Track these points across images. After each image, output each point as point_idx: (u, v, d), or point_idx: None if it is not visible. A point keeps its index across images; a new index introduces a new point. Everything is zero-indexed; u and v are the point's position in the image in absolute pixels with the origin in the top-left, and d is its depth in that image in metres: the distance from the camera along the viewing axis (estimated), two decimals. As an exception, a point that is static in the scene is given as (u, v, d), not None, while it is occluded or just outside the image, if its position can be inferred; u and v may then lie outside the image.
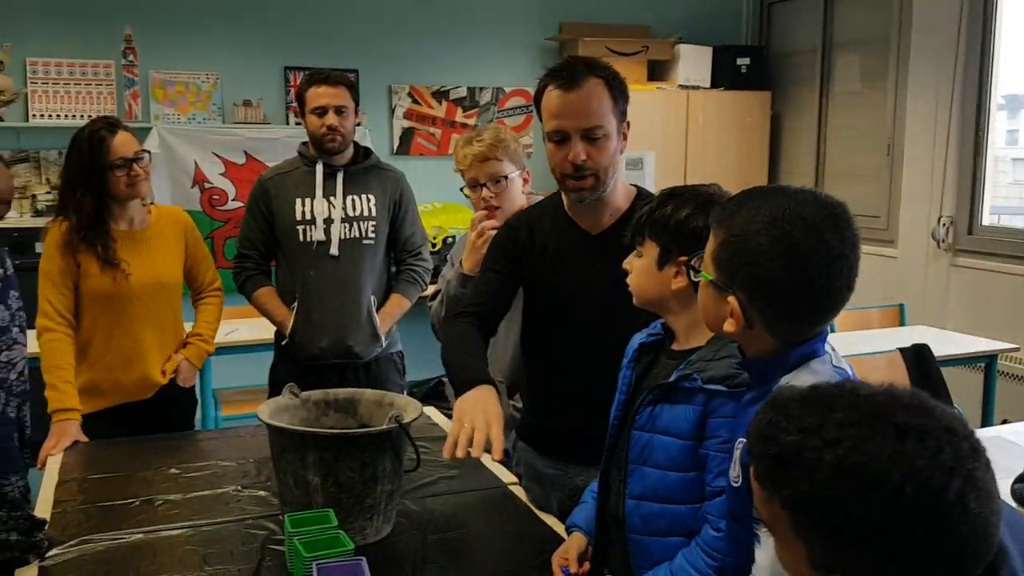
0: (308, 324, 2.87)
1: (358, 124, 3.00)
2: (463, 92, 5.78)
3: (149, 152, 2.66)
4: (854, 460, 0.77)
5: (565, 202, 1.99)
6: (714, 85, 5.92)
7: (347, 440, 1.74)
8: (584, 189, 1.86)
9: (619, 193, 1.95)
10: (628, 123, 1.91)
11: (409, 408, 1.87)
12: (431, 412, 2.80)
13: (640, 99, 5.71)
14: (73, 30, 4.97)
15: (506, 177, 2.41)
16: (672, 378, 1.50)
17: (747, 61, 5.97)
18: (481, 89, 5.81)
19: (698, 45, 5.92)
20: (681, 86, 5.84)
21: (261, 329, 3.45)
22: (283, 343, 2.93)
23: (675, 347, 1.59)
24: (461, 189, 2.55)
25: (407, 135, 5.68)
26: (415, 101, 5.71)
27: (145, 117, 5.08)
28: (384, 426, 1.77)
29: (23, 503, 1.78)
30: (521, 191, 2.46)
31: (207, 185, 5.13)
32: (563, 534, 1.79)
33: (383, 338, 2.94)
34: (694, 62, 5.90)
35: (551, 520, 1.94)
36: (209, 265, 2.84)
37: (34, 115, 4.89)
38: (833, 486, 0.77)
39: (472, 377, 1.75)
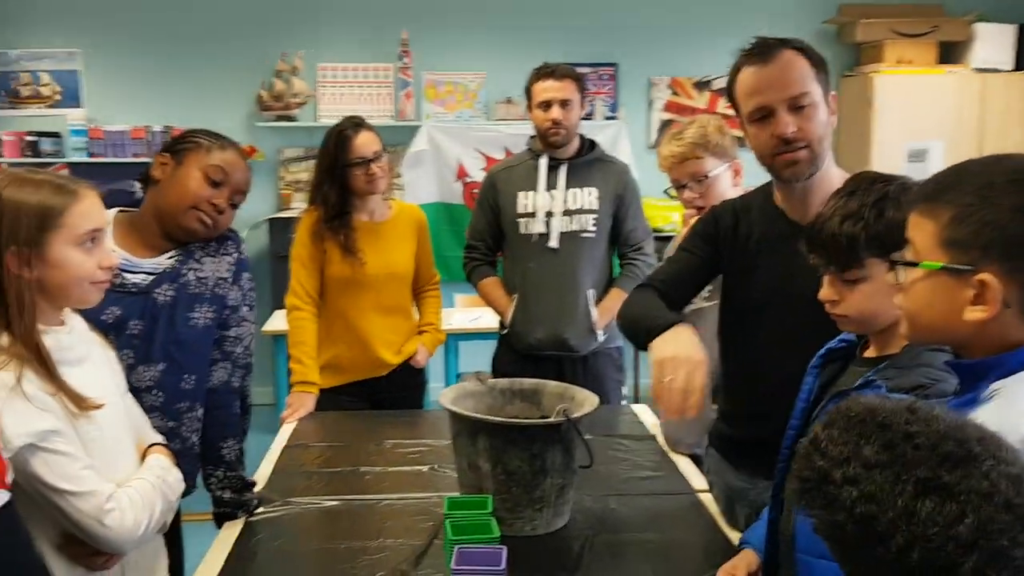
0: (526, 315, 2.93)
1: (587, 117, 3.00)
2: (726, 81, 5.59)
3: (387, 152, 2.84)
4: (865, 509, 0.66)
5: (775, 192, 1.86)
6: (1018, 67, 5.24)
7: (516, 430, 1.76)
8: (798, 162, 1.70)
9: (832, 177, 1.77)
10: (834, 95, 1.75)
11: (585, 403, 1.85)
12: (641, 410, 2.76)
13: (928, 83, 5.22)
14: (357, 37, 5.45)
15: (707, 176, 2.31)
16: (856, 384, 1.36)
17: (1060, 39, 5.22)
18: (746, 79, 5.58)
19: (1000, 23, 5.28)
20: (977, 69, 5.24)
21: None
22: (504, 332, 3.02)
23: (867, 354, 1.44)
24: (666, 190, 2.48)
25: (665, 128, 5.60)
26: (675, 93, 5.62)
27: (416, 116, 5.45)
28: (552, 419, 1.77)
29: (237, 465, 1.98)
30: (732, 185, 2.34)
31: (468, 179, 5.40)
32: (745, 550, 1.69)
33: (600, 332, 2.93)
34: (994, 42, 5.27)
35: (737, 536, 1.83)
36: (431, 261, 2.99)
37: (322, 116, 5.43)
38: (847, 529, 0.67)
39: (663, 323, 1.69)
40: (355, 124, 2.81)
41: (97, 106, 5.39)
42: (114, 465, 1.46)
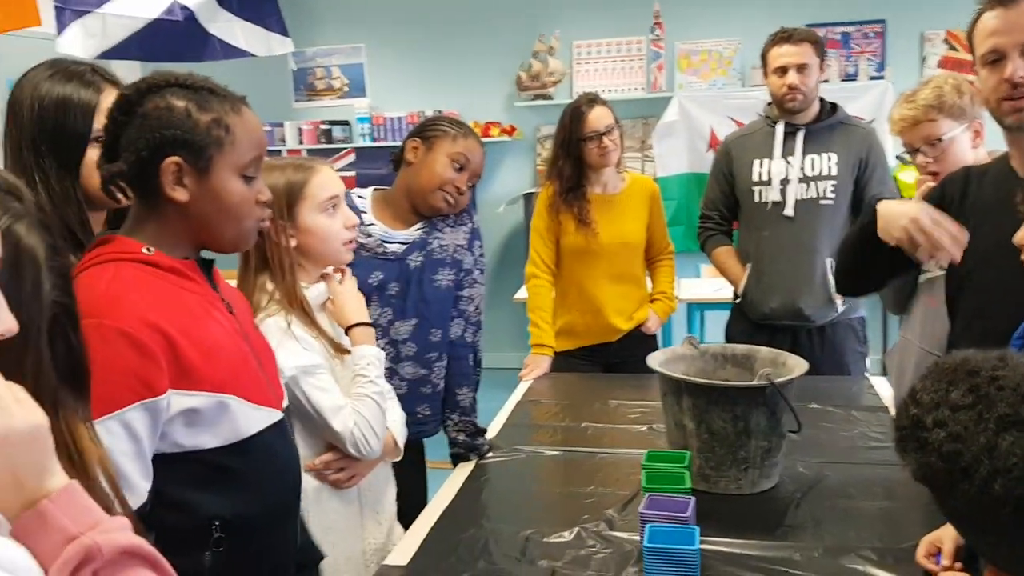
0: (759, 284, 2.92)
1: (824, 80, 2.92)
2: (1014, 31, 5.07)
3: (620, 125, 2.95)
4: (951, 448, 0.69)
5: (1011, 153, 1.76)
6: None
7: (718, 391, 1.82)
8: (1023, 110, 1.63)
9: None
10: None
11: (794, 369, 1.87)
12: (879, 382, 2.67)
13: None
14: (611, 12, 5.57)
15: (941, 139, 2.18)
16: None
17: None
18: (1039, 26, 5.02)
19: None
20: None
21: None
22: (737, 301, 3.03)
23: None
24: (898, 156, 2.36)
25: (940, 86, 5.19)
26: (951, 47, 5.18)
27: (669, 87, 5.48)
28: (754, 382, 1.81)
29: (471, 411, 2.22)
30: (971, 147, 2.19)
31: (720, 148, 5.35)
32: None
33: (839, 302, 2.86)
34: None
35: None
36: (665, 232, 3.07)
37: (577, 92, 5.60)
38: (936, 469, 0.70)
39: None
40: (589, 100, 2.94)
41: (379, 95, 5.97)
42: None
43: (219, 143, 1.26)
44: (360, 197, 2.20)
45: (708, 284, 4.46)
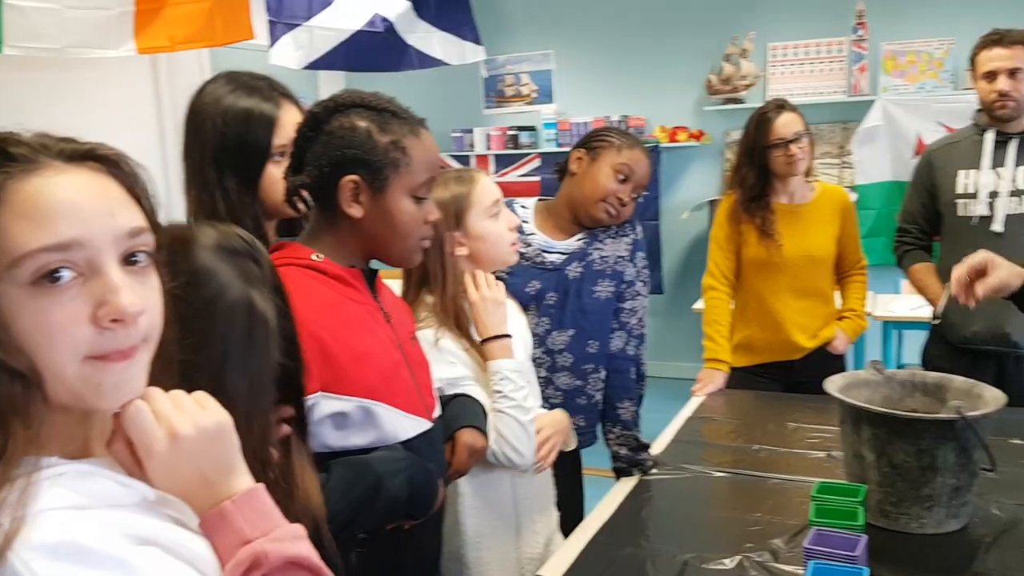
0: (961, 305, 2.69)
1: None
2: None
3: (810, 134, 2.81)
4: None
5: None
6: None
7: (902, 422, 1.69)
8: None
9: None
10: None
11: (990, 402, 1.70)
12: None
13: None
14: (810, 13, 5.32)
15: None
16: None
17: None
18: None
19: None
20: None
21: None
22: (936, 323, 2.81)
23: None
24: None
25: None
26: None
27: (871, 90, 5.18)
28: (942, 415, 1.66)
29: (632, 426, 2.18)
30: None
31: (927, 155, 4.98)
32: None
33: (1054, 328, 2.59)
34: None
35: None
36: (858, 246, 2.88)
37: (771, 96, 5.40)
38: None
39: None
40: (777, 106, 2.82)
41: (566, 101, 6.01)
42: None
43: (396, 164, 1.31)
44: (523, 207, 2.22)
45: (907, 301, 4.17)
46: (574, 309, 2.12)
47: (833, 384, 1.87)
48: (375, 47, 4.82)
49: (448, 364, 1.63)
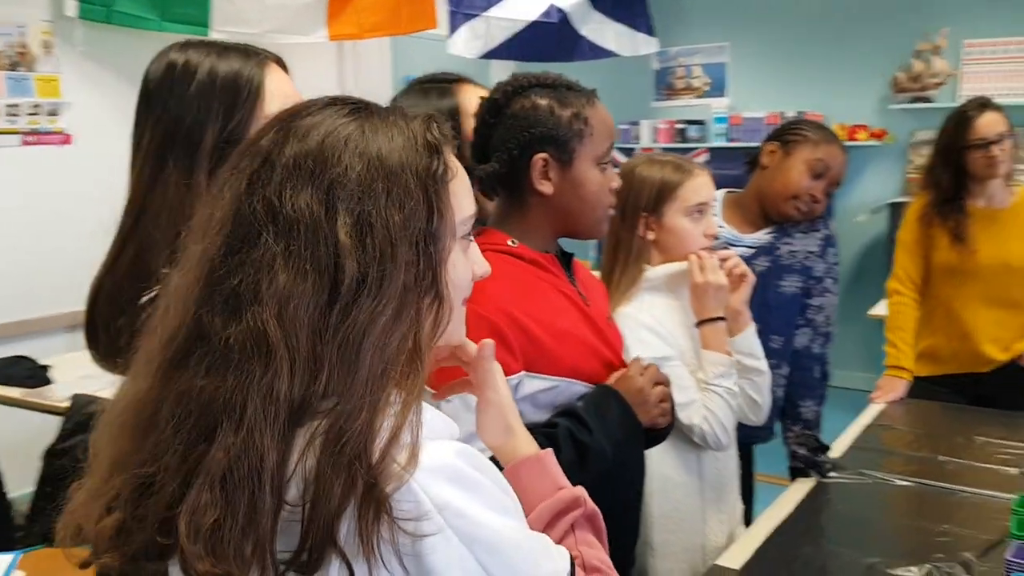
0: None
1: None
2: None
3: (1013, 136, 2.65)
4: None
5: None
6: None
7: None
8: None
9: None
10: None
11: None
12: None
13: None
14: (1010, 8, 4.99)
15: None
16: None
17: None
18: None
19: None
20: None
21: None
22: None
23: None
24: None
25: None
26: None
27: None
28: None
29: (814, 426, 2.13)
30: None
31: None
32: None
33: None
34: None
35: None
36: None
37: (962, 95, 5.11)
38: None
39: None
40: (980, 104, 2.68)
41: (739, 95, 5.89)
42: None
43: (580, 136, 1.35)
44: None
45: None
46: (758, 303, 2.07)
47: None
48: (549, 38, 4.88)
49: (657, 341, 1.64)
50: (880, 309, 4.43)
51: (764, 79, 5.80)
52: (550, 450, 0.97)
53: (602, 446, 1.28)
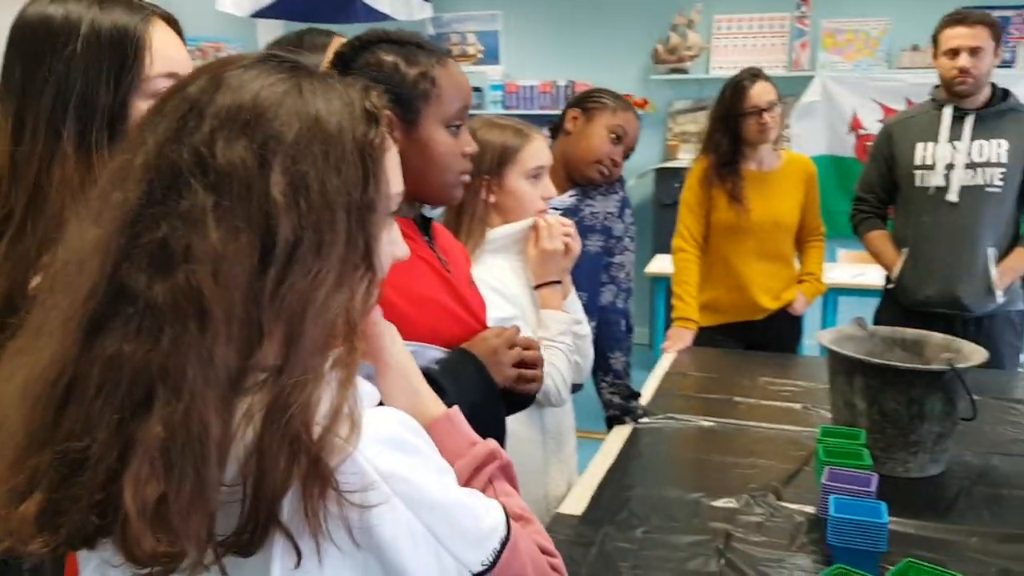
0: (916, 270, 2.86)
1: (1004, 65, 2.82)
2: None
3: (782, 103, 2.92)
4: None
5: None
6: None
7: (894, 372, 1.81)
8: None
9: None
10: None
11: (972, 356, 1.84)
12: (1042, 379, 2.60)
13: None
14: (755, -12, 5.46)
15: None
16: None
17: None
18: None
19: None
20: None
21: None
22: (890, 287, 2.97)
23: None
24: None
25: (1105, 76, 4.92)
26: (1122, 35, 4.89)
27: (811, 66, 5.35)
28: (935, 367, 1.79)
29: (624, 375, 2.27)
30: None
31: (861, 132, 5.20)
32: None
33: (999, 293, 2.77)
34: None
35: None
36: (817, 213, 3.02)
37: (714, 68, 5.54)
38: None
39: None
40: (752, 75, 2.91)
41: (512, 63, 6.01)
42: None
43: (426, 96, 1.31)
44: None
45: (845, 269, 4.37)
46: None
47: (825, 338, 1.98)
48: (322, -3, 4.72)
49: (502, 302, 1.64)
50: (652, 267, 4.74)
51: (536, 48, 5.96)
52: (456, 407, 0.96)
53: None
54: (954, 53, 2.75)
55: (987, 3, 4.64)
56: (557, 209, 2.20)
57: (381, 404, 0.78)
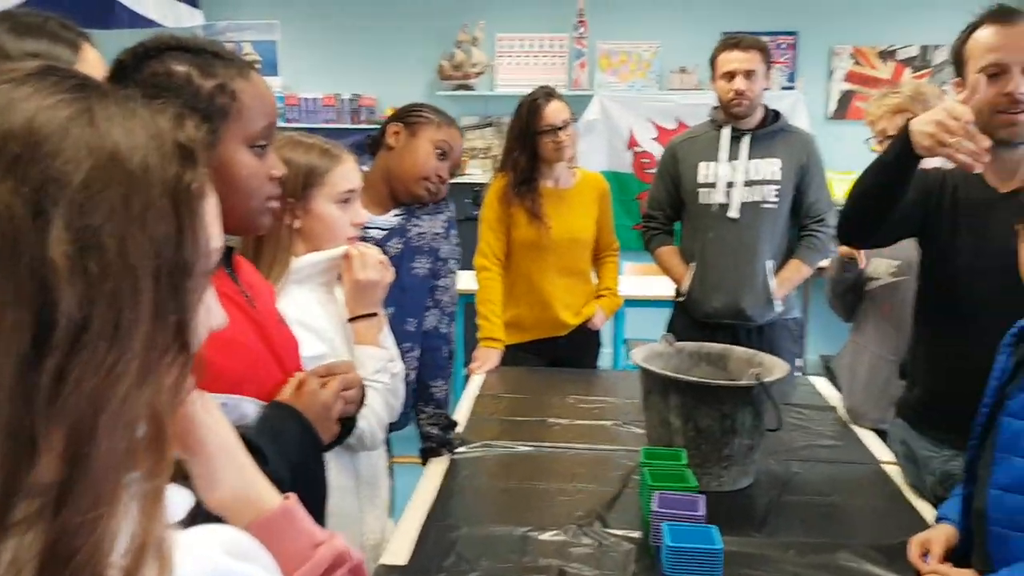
0: (704, 283, 2.98)
1: (767, 88, 3.01)
2: (914, 51, 5.37)
3: (576, 121, 2.96)
4: None
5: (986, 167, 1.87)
6: None
7: (707, 389, 1.84)
8: (1017, 124, 1.73)
9: None
10: None
11: (775, 369, 1.91)
12: (820, 382, 2.78)
13: None
14: (535, 8, 5.57)
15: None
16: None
17: None
18: (936, 47, 5.34)
19: None
20: None
21: (672, 286, 3.64)
22: (680, 299, 3.09)
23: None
24: (867, 140, 2.47)
25: (845, 99, 5.46)
26: (857, 63, 5.45)
27: (589, 86, 5.53)
28: (744, 382, 1.84)
29: (444, 404, 2.18)
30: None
31: (638, 149, 5.45)
32: (932, 522, 1.72)
33: (778, 303, 2.95)
34: None
35: (923, 506, 1.86)
36: (611, 229, 3.09)
37: (499, 85, 5.60)
38: None
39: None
40: (547, 93, 2.93)
41: (293, 75, 5.77)
42: None
43: (225, 112, 1.16)
44: None
45: (630, 281, 4.52)
46: (394, 286, 2.04)
47: (638, 356, 1.99)
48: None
49: (313, 340, 1.49)
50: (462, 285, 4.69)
51: (317, 60, 5.76)
52: (294, 497, 0.82)
53: (279, 475, 1.13)
54: (730, 76, 2.90)
55: (750, 29, 5.02)
56: (382, 229, 2.09)
57: (197, 508, 0.63)
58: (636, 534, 1.67)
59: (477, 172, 5.47)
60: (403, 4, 5.63)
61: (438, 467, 2.02)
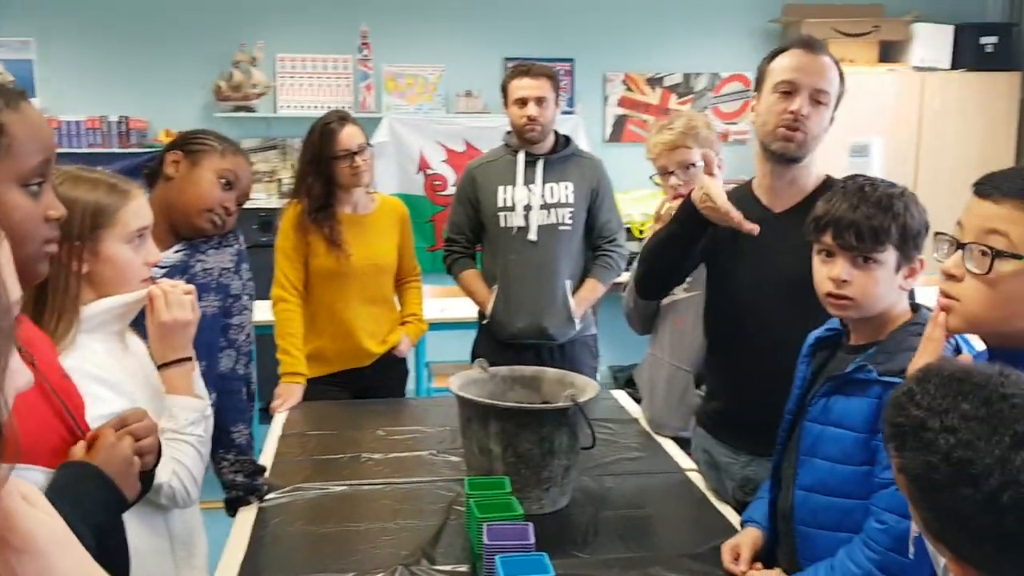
0: (507, 305, 3.02)
1: (570, 112, 3.10)
2: (678, 78, 5.75)
3: (371, 145, 2.90)
4: (962, 454, 0.78)
5: (755, 181, 2.02)
6: (954, 66, 5.51)
7: (527, 414, 1.85)
8: (792, 140, 1.89)
9: (811, 173, 1.96)
10: (833, 119, 1.94)
11: (587, 389, 1.96)
12: (620, 396, 2.88)
13: (868, 82, 5.40)
14: (316, 29, 5.45)
15: (694, 164, 2.42)
16: (848, 369, 1.50)
17: (994, 40, 5.51)
18: (697, 75, 5.75)
19: (937, 24, 5.54)
20: (916, 68, 5.49)
21: (472, 308, 3.65)
22: (484, 322, 3.11)
23: (853, 342, 1.58)
24: (651, 177, 2.60)
25: (620, 123, 5.75)
26: (629, 89, 5.75)
27: (377, 108, 5.48)
28: (561, 404, 1.87)
29: (248, 450, 2.05)
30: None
31: (429, 171, 5.45)
32: (737, 525, 1.82)
33: (577, 321, 3.04)
34: (932, 42, 5.52)
35: (727, 510, 1.96)
36: (412, 254, 3.06)
37: (282, 107, 5.42)
38: (939, 471, 0.79)
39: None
40: (340, 117, 2.86)
41: (52, 96, 5.28)
42: None
43: None
44: None
45: (430, 304, 4.50)
46: None
47: (455, 385, 1.97)
48: None
49: (90, 398, 1.33)
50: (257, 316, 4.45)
51: (79, 80, 5.31)
52: None
53: (84, 543, 1.01)
54: (522, 103, 2.96)
55: (529, 55, 5.18)
56: (162, 267, 1.91)
57: None
58: (465, 568, 1.64)
59: (262, 197, 5.26)
60: (175, 21, 5.32)
61: (247, 516, 1.89)
